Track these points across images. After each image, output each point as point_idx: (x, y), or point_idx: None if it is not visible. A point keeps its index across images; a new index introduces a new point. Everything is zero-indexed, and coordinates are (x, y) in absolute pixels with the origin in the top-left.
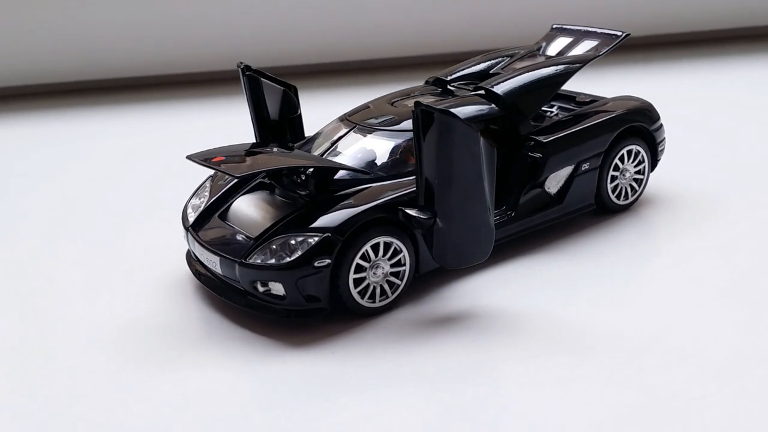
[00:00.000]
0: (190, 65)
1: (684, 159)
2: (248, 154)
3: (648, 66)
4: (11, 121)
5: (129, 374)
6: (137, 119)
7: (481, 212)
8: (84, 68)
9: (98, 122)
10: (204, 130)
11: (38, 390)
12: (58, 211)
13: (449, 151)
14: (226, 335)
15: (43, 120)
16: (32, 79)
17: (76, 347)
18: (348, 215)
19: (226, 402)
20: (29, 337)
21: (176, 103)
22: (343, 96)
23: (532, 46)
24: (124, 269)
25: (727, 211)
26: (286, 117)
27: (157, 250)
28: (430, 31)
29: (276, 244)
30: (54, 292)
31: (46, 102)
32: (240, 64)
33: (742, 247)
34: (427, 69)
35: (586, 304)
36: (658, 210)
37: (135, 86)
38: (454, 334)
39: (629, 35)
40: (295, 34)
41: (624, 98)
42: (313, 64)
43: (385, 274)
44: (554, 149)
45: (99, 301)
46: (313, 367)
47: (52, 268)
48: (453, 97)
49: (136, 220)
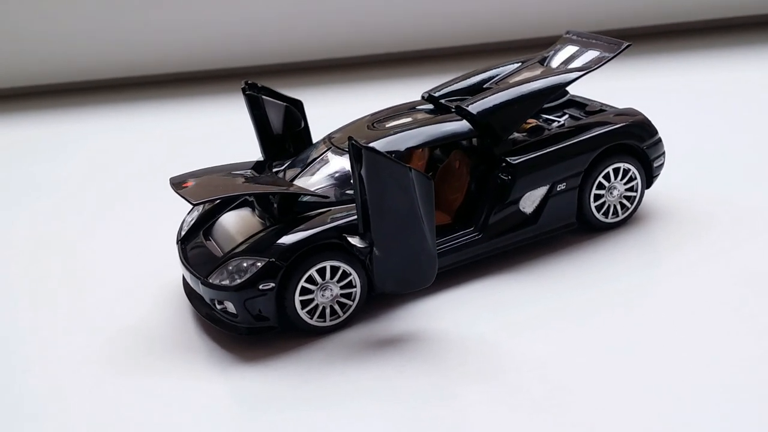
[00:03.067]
0: (213, 61)
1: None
2: (224, 177)
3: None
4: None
5: (104, 379)
6: (147, 119)
7: (418, 241)
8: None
9: (99, 122)
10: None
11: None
12: (62, 217)
13: (379, 185)
14: (195, 346)
15: (37, 121)
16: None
17: (63, 351)
18: (294, 240)
19: (179, 414)
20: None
21: (191, 100)
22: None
23: (540, 54)
24: (125, 275)
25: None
26: (289, 132)
27: (162, 256)
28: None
29: (232, 265)
30: (50, 294)
31: (45, 102)
32: (244, 83)
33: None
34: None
35: (540, 327)
36: (649, 225)
37: (147, 84)
38: (408, 354)
39: (630, 46)
40: (334, 26)
41: (623, 112)
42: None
43: (334, 296)
44: (524, 171)
45: (93, 306)
46: (264, 383)
47: (50, 271)
48: (433, 115)
49: (142, 225)
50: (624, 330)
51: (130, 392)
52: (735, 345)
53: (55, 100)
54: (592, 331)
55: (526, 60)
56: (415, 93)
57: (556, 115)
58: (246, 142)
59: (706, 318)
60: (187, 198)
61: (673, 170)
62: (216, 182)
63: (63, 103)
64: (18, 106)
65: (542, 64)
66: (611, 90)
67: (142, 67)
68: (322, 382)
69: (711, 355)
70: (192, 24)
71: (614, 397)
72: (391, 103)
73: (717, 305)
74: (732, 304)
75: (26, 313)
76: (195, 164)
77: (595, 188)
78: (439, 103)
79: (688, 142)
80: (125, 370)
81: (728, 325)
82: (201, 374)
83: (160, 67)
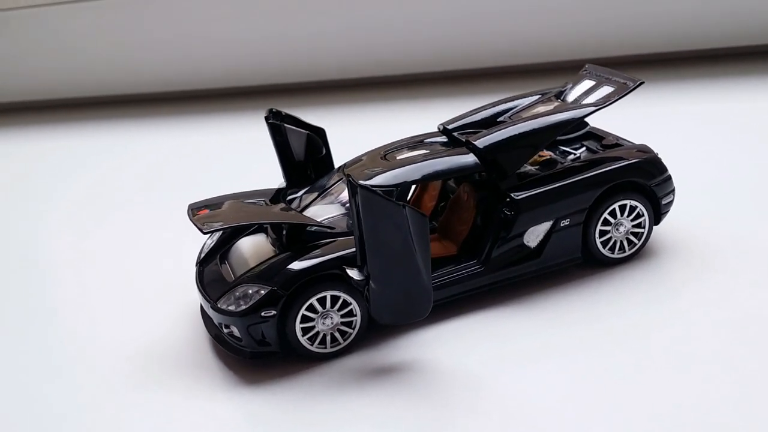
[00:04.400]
0: (250, 78)
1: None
2: (238, 206)
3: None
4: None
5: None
6: (178, 134)
7: (412, 275)
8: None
9: (131, 136)
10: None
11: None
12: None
13: (373, 221)
14: (206, 366)
15: (56, 134)
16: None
17: (82, 365)
18: (296, 270)
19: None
20: (38, 351)
21: (223, 116)
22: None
23: (558, 87)
24: (147, 293)
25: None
26: (310, 159)
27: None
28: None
29: (239, 291)
30: (72, 310)
31: (69, 115)
32: (268, 111)
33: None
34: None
35: (532, 362)
36: (655, 261)
37: (175, 99)
38: (401, 383)
39: (643, 83)
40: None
41: (635, 148)
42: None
43: (335, 324)
44: (526, 207)
45: (113, 323)
46: (264, 405)
47: (73, 285)
48: (445, 147)
49: (169, 243)
50: (619, 369)
51: (133, 408)
52: (731, 391)
53: (85, 113)
54: (584, 368)
55: (545, 93)
56: (450, 113)
57: (573, 147)
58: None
59: (706, 362)
60: (198, 226)
61: (687, 202)
62: (229, 211)
63: (89, 117)
64: (44, 118)
65: (558, 98)
66: (626, 117)
67: (174, 83)
68: (320, 407)
69: (709, 399)
70: (228, 42)
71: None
72: (421, 123)
73: (717, 350)
74: (733, 349)
75: (49, 327)
76: (228, 180)
77: (600, 224)
78: (452, 135)
79: (702, 173)
80: (135, 387)
81: (727, 370)
82: (205, 394)
83: (194, 83)
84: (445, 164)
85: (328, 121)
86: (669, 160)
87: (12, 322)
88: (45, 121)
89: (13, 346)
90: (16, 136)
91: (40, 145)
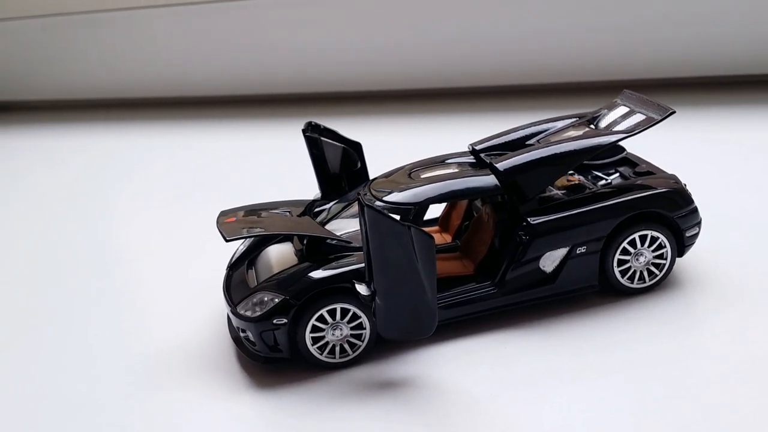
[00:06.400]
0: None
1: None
2: (265, 216)
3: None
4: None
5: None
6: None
7: (417, 294)
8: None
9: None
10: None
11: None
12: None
13: (379, 240)
14: (224, 367)
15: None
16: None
17: (106, 363)
18: (309, 281)
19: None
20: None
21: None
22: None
23: (592, 112)
24: (179, 294)
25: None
26: (345, 172)
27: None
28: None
29: (256, 297)
30: (104, 309)
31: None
32: (306, 124)
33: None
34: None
35: (531, 386)
36: (676, 292)
37: (216, 103)
38: (401, 399)
39: (674, 113)
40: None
41: (664, 178)
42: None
43: (344, 336)
44: (541, 232)
45: (144, 323)
46: (271, 409)
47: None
48: (470, 168)
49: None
50: (627, 401)
51: (141, 409)
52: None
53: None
54: (591, 396)
55: (581, 116)
56: (492, 128)
57: (606, 172)
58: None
59: (711, 403)
60: (223, 233)
61: (714, 232)
62: (254, 221)
63: (159, 116)
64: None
65: (591, 123)
66: (662, 143)
67: (219, 87)
68: (323, 415)
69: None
70: (278, 49)
71: None
72: (462, 138)
73: (733, 387)
74: (750, 387)
75: (77, 326)
76: (274, 186)
77: (619, 253)
78: (479, 156)
79: (734, 203)
80: (154, 385)
81: (737, 410)
82: (216, 394)
83: (240, 89)
84: (465, 185)
85: (376, 131)
86: (700, 188)
87: (47, 316)
88: (113, 119)
89: (42, 341)
90: (89, 131)
91: (105, 144)
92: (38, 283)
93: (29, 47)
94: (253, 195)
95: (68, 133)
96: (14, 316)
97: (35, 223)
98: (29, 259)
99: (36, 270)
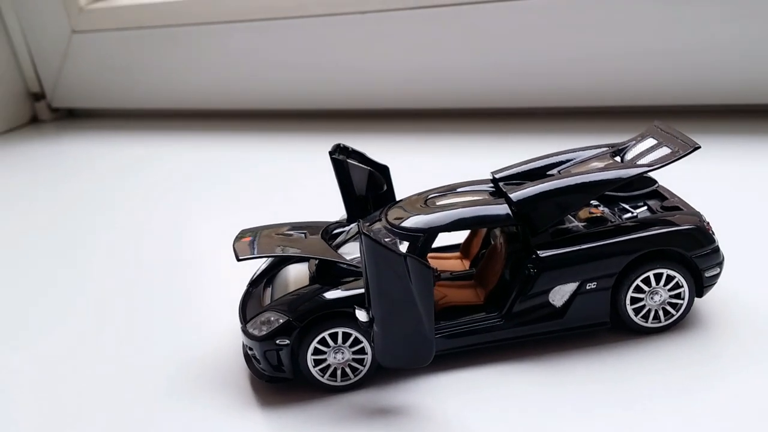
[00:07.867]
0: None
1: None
2: (281, 237)
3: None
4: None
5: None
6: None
7: (413, 324)
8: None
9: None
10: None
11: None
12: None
13: (376, 269)
14: (234, 382)
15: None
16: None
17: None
18: (313, 305)
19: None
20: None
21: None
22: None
23: (620, 143)
24: (201, 308)
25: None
26: (371, 195)
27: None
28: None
29: (264, 316)
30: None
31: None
32: (333, 146)
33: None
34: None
35: (525, 424)
36: (691, 333)
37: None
38: (396, 428)
39: (699, 148)
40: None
41: (688, 214)
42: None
43: (346, 359)
44: (550, 266)
45: (162, 337)
46: (269, 427)
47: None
48: (487, 197)
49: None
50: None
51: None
52: None
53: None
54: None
55: (607, 148)
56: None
57: (634, 205)
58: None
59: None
60: (236, 253)
61: (736, 271)
62: (268, 241)
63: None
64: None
65: (617, 155)
66: (686, 172)
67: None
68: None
69: None
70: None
71: None
72: (494, 160)
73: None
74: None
75: (104, 335)
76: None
77: (632, 291)
78: (498, 185)
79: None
80: (164, 398)
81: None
82: (220, 410)
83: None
84: (475, 214)
85: (412, 149)
86: (729, 224)
87: (73, 321)
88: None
89: (69, 347)
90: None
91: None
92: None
93: (113, 58)
94: (294, 211)
95: (160, 141)
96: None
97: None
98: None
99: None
